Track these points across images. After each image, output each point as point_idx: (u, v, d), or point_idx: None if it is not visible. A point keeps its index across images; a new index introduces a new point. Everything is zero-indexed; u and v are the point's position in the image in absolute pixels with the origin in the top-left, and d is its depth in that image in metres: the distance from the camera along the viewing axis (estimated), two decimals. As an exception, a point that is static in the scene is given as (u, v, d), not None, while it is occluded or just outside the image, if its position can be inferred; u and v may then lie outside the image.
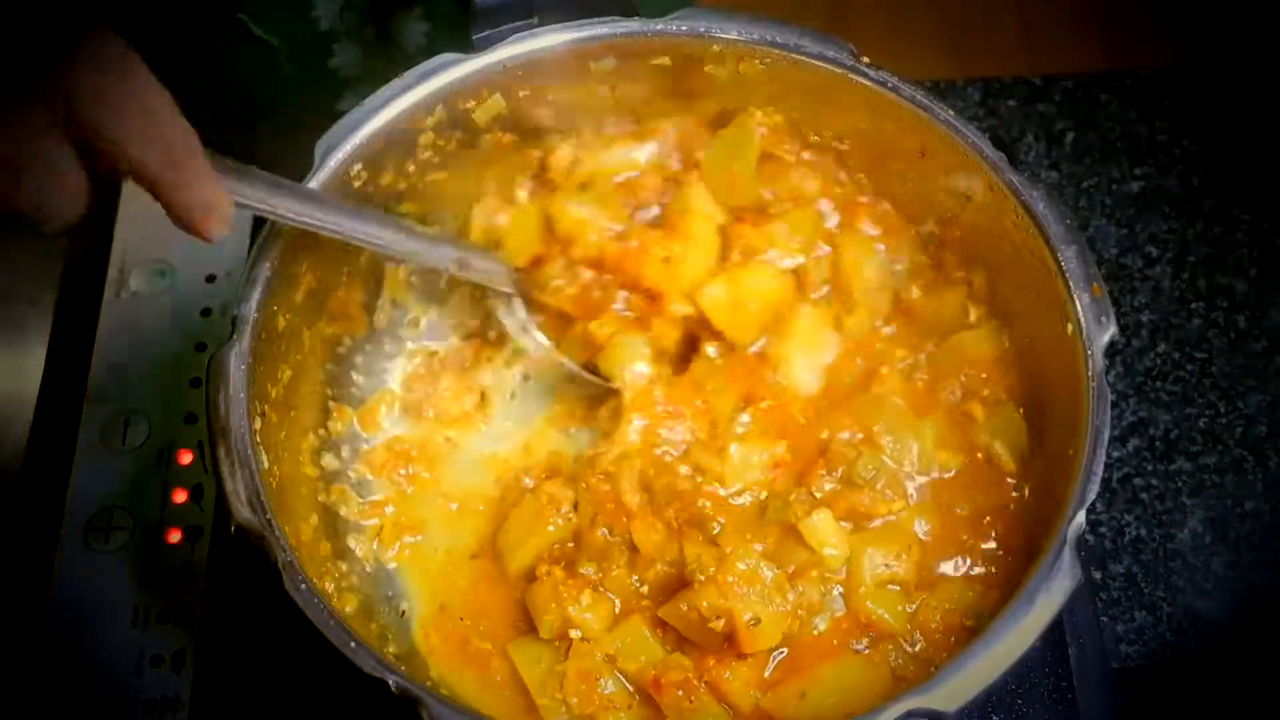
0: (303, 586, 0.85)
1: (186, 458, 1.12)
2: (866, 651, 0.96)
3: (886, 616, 0.97)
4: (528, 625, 1.01)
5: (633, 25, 1.04)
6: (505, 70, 1.04)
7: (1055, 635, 1.05)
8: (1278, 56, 1.44)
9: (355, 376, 1.12)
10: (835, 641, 0.97)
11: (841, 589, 0.98)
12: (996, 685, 0.83)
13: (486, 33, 1.03)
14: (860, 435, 1.04)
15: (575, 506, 1.04)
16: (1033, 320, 1.01)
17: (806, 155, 1.11)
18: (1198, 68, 1.46)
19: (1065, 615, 0.95)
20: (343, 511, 1.05)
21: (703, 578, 0.95)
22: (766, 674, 0.95)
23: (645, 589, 1.00)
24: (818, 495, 1.01)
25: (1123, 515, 1.20)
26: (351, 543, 1.05)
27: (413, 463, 1.10)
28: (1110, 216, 1.36)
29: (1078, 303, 0.95)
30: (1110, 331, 0.94)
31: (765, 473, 1.04)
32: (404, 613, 1.04)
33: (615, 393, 1.08)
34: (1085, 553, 1.16)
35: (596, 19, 1.04)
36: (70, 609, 1.06)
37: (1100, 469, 0.89)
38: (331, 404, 1.09)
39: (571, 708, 0.95)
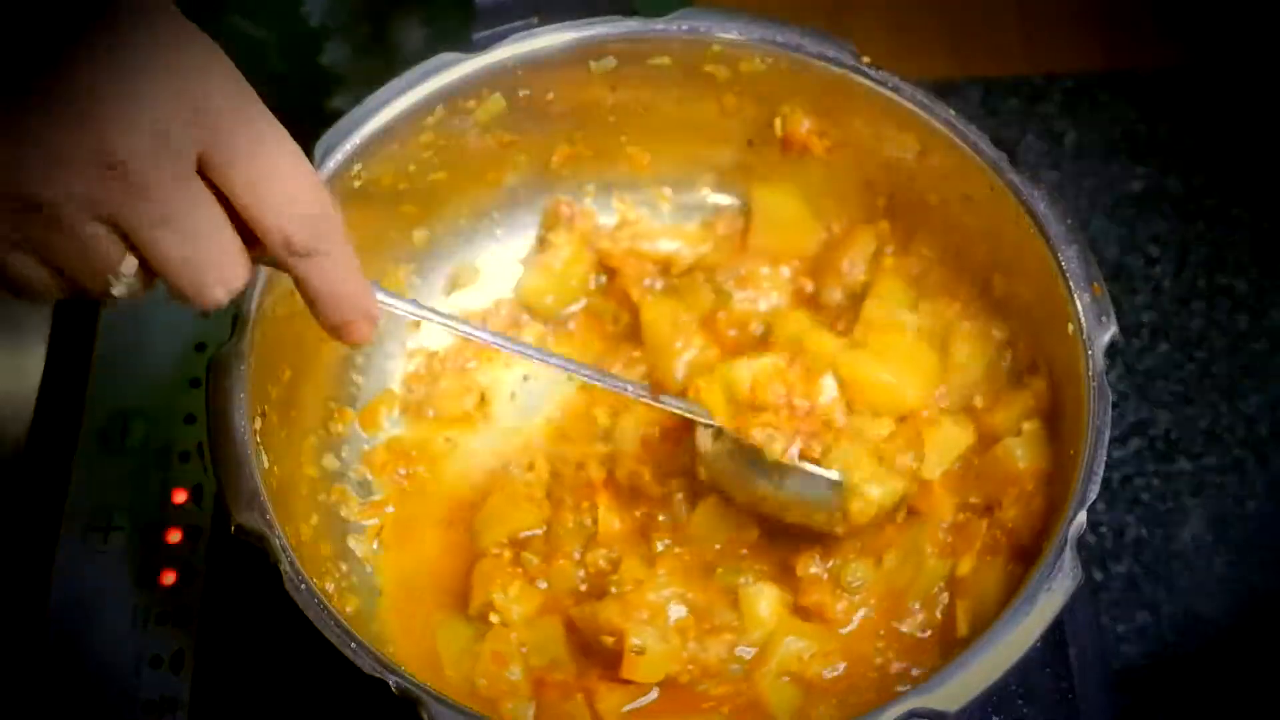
0: (303, 587, 0.85)
1: (186, 458, 1.12)
2: None
3: (776, 707, 0.95)
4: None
5: (633, 25, 1.04)
6: (506, 70, 1.04)
7: (1055, 635, 1.04)
8: (1278, 56, 1.44)
9: (355, 377, 1.12)
10: (713, 702, 0.95)
11: (748, 657, 0.97)
12: (997, 685, 0.83)
13: (486, 32, 1.03)
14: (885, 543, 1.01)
15: (549, 494, 1.05)
16: (1032, 320, 1.01)
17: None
18: (1198, 68, 1.46)
19: (1065, 615, 0.94)
20: (343, 512, 1.05)
21: (615, 590, 0.95)
22: (639, 704, 0.95)
23: (585, 588, 1.01)
24: (799, 574, 0.99)
25: (1123, 515, 1.20)
26: (352, 543, 1.05)
27: (413, 463, 1.10)
28: (1110, 216, 1.36)
29: (1078, 303, 0.95)
30: (1111, 331, 0.94)
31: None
32: (404, 612, 1.04)
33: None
34: (1085, 553, 1.15)
35: (597, 18, 1.04)
36: (70, 609, 1.06)
37: (1101, 469, 0.88)
38: (332, 404, 1.09)
39: (477, 687, 0.95)
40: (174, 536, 1.09)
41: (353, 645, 0.83)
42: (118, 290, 0.70)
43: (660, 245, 1.17)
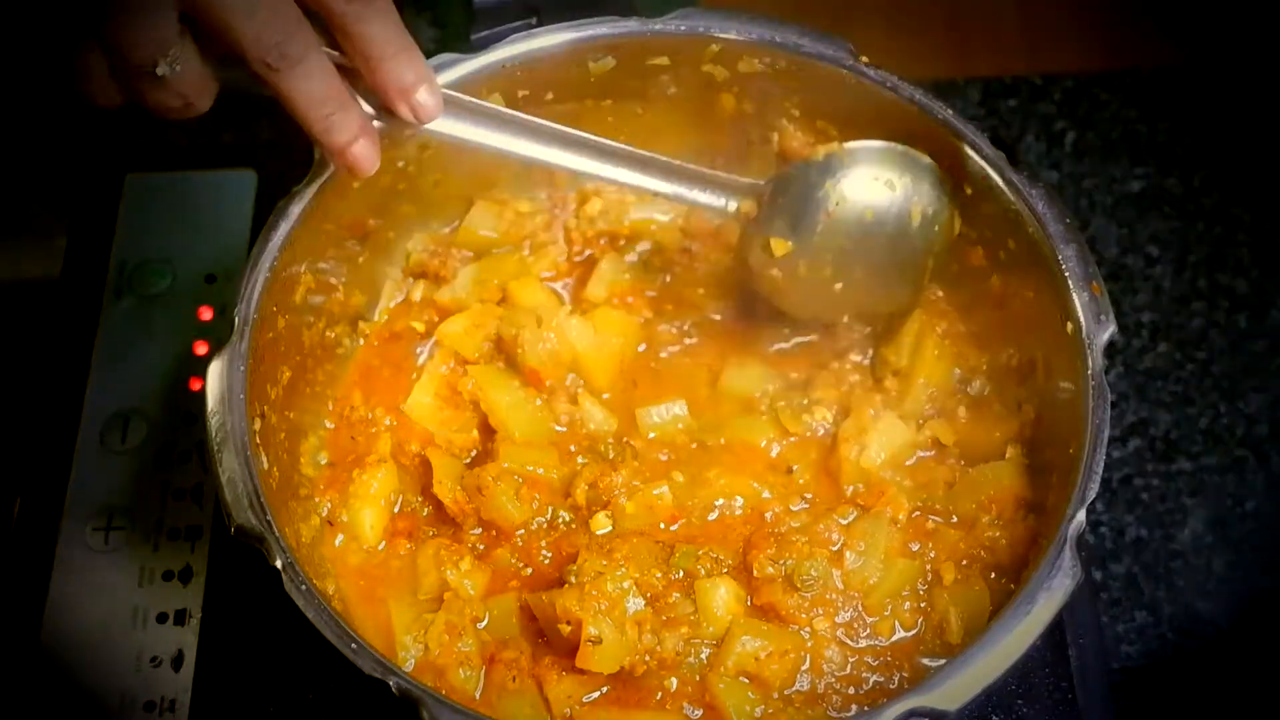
0: (303, 587, 0.85)
1: (186, 458, 1.12)
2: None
3: (730, 708, 0.94)
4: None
5: (632, 25, 1.05)
6: (504, 70, 1.04)
7: (1055, 635, 1.04)
8: (1277, 56, 1.44)
9: (354, 376, 1.11)
10: (669, 700, 0.95)
11: (705, 656, 0.96)
12: (997, 685, 0.83)
13: (486, 33, 1.03)
14: (836, 537, 1.01)
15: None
16: (1032, 319, 1.01)
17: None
18: (1198, 68, 1.46)
19: (1065, 615, 0.95)
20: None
21: (574, 580, 0.95)
22: (591, 696, 0.95)
23: (529, 572, 1.01)
24: (756, 574, 0.99)
25: (1123, 515, 1.20)
26: (351, 544, 1.05)
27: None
28: (1110, 216, 1.36)
29: (1077, 302, 0.95)
30: (1110, 330, 0.94)
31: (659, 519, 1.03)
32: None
33: None
34: (1085, 553, 1.15)
35: (596, 19, 1.04)
36: (70, 609, 1.06)
37: (1100, 468, 0.88)
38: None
39: (428, 652, 0.96)
40: (174, 536, 1.09)
41: (353, 645, 0.83)
42: (161, 70, 0.77)
43: (634, 216, 1.17)
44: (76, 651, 1.04)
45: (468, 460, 1.06)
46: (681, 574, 0.98)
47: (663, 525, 1.03)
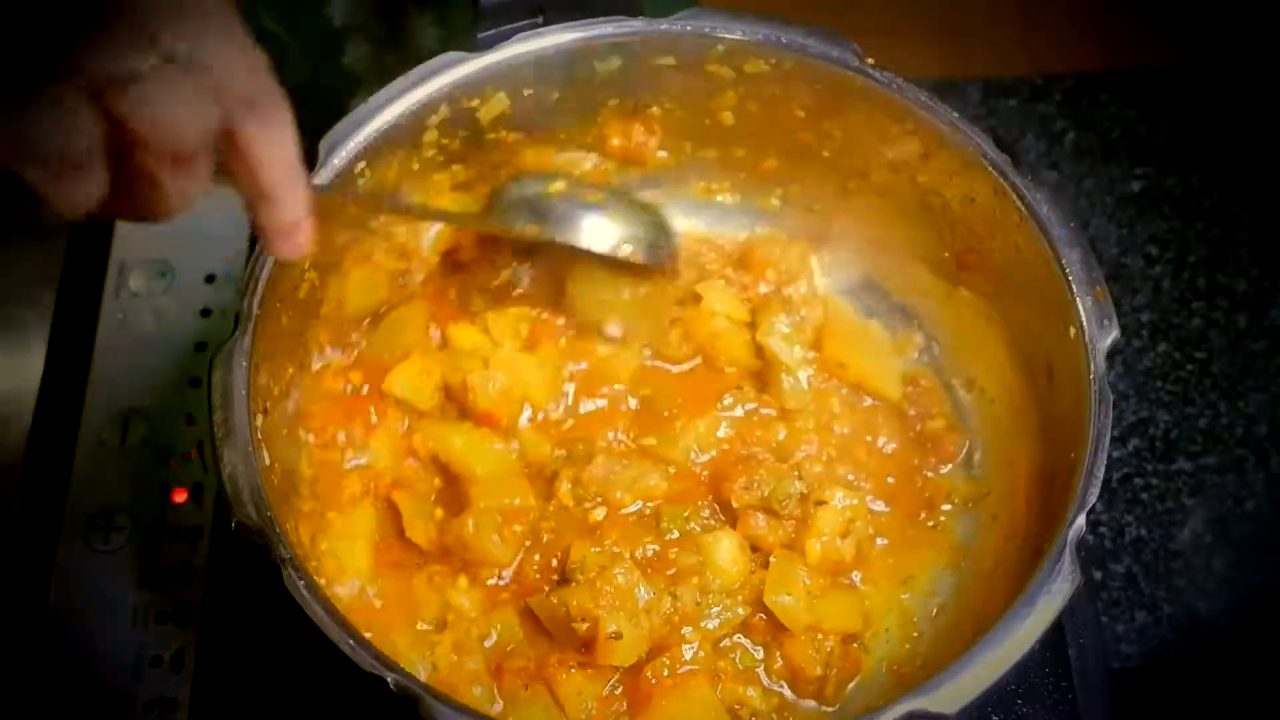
0: (302, 584, 0.85)
1: (187, 458, 1.12)
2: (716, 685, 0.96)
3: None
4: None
5: (637, 25, 1.04)
6: (509, 69, 1.04)
7: (1055, 635, 1.05)
8: (1278, 56, 1.44)
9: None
10: (678, 681, 0.96)
11: (716, 614, 0.98)
12: (996, 686, 0.83)
13: (491, 32, 1.03)
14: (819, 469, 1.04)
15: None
16: (1035, 323, 1.01)
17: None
18: (1198, 68, 1.46)
19: (1065, 615, 0.94)
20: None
21: (581, 579, 0.96)
22: (604, 691, 0.95)
23: (515, 587, 1.01)
24: (734, 505, 1.00)
25: (1123, 515, 1.20)
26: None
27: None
28: (1110, 216, 1.36)
29: (1080, 306, 0.95)
30: (1113, 335, 0.94)
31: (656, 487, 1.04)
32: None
33: None
34: (1085, 553, 1.16)
35: (601, 18, 1.04)
36: (70, 609, 1.06)
37: (1101, 472, 0.89)
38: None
39: (437, 671, 0.96)
40: (174, 536, 1.09)
41: (351, 642, 0.83)
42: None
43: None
44: (76, 651, 1.04)
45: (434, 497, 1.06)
46: (676, 534, 1.00)
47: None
